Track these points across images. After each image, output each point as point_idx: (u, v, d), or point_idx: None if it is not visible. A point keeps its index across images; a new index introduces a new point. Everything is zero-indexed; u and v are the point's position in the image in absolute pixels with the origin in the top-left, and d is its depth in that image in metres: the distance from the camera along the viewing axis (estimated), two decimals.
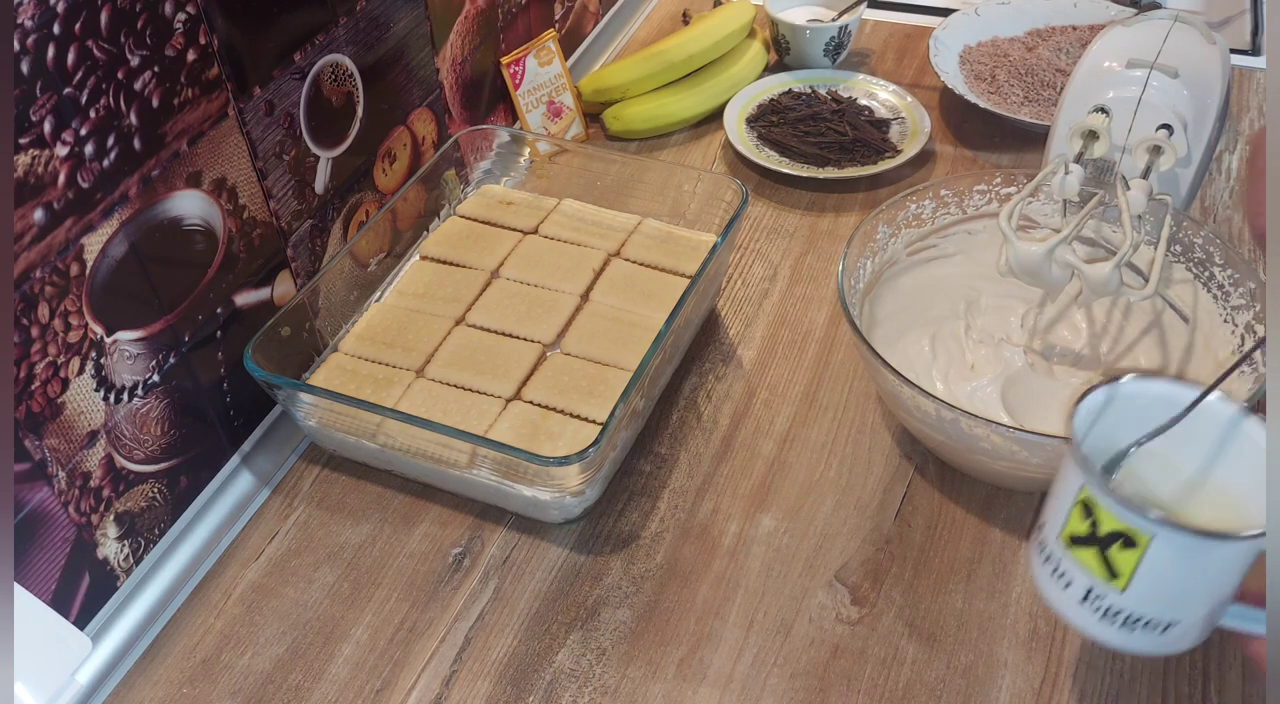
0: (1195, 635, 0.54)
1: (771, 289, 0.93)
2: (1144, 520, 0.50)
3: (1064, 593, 0.55)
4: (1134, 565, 0.51)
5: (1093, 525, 0.52)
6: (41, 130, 0.57)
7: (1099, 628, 0.54)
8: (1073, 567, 0.54)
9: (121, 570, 0.70)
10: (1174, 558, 0.51)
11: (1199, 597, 0.53)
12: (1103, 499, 0.51)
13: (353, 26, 0.81)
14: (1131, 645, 0.54)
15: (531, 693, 0.66)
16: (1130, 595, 0.52)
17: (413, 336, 0.81)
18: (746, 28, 1.13)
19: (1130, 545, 0.51)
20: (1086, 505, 0.52)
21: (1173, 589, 0.52)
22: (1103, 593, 0.53)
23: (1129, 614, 0.53)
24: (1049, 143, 0.84)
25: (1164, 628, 0.53)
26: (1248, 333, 0.74)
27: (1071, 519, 0.53)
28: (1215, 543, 0.50)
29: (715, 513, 0.75)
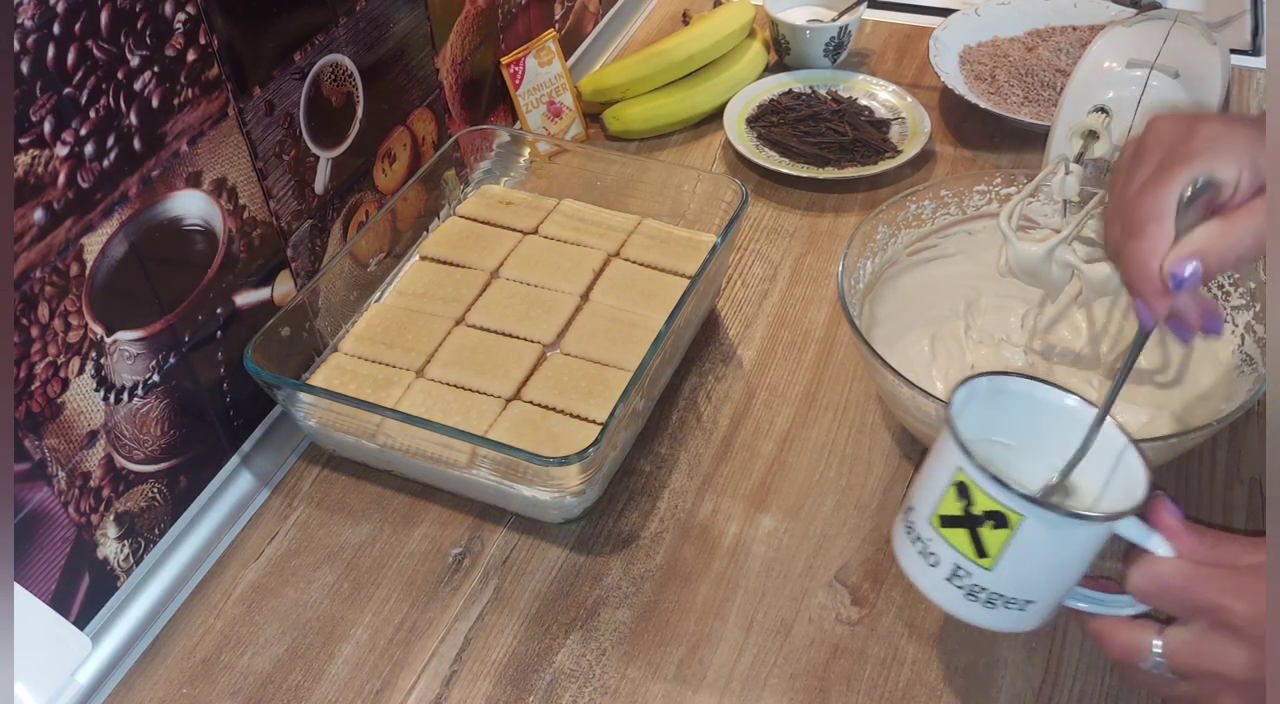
0: (1046, 614, 0.56)
1: (771, 289, 0.93)
2: (1020, 501, 0.52)
3: (931, 571, 0.56)
4: (1003, 545, 0.53)
5: (967, 506, 0.54)
6: (41, 130, 0.57)
7: (962, 606, 0.56)
8: (942, 547, 0.56)
9: (121, 570, 0.70)
10: (1041, 538, 0.53)
11: (1058, 577, 0.55)
12: (981, 481, 0.53)
13: (353, 26, 0.81)
14: (990, 622, 0.56)
15: (531, 693, 0.66)
16: (996, 574, 0.54)
17: (413, 337, 0.81)
18: (746, 28, 1.13)
19: (1002, 525, 0.53)
20: (962, 487, 0.54)
21: (1036, 569, 0.54)
22: (970, 571, 0.55)
23: (992, 592, 0.55)
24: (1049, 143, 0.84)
25: (1022, 605, 0.55)
26: (1248, 333, 0.74)
27: (945, 501, 0.55)
28: (1083, 524, 0.53)
29: (715, 513, 0.75)
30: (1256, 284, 0.74)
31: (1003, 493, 0.53)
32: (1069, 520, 0.52)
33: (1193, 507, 0.74)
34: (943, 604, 0.57)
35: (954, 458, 0.54)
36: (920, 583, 0.57)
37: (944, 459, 0.55)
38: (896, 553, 0.59)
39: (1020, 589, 0.55)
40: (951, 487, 0.55)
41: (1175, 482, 0.75)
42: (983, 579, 0.55)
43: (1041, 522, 0.52)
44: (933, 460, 0.57)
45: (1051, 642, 0.67)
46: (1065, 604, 0.57)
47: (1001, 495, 0.53)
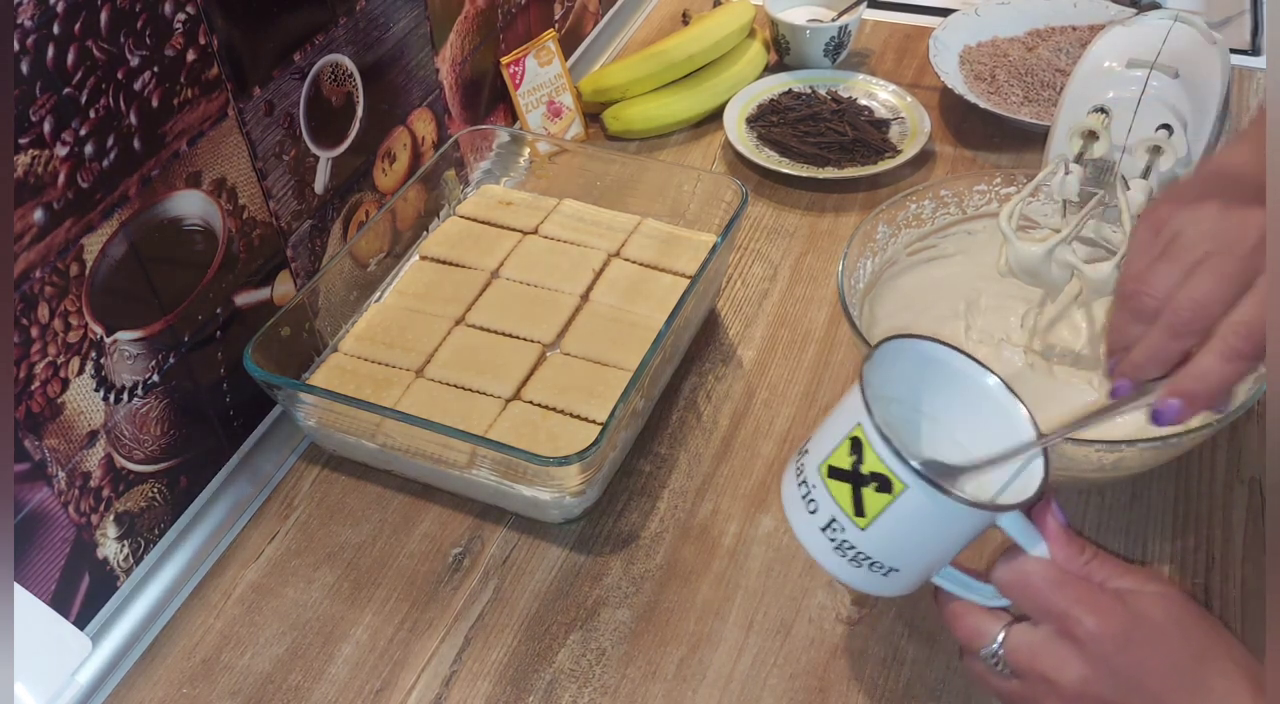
0: (909, 584, 0.57)
1: (771, 289, 0.93)
2: (907, 471, 0.52)
3: (808, 518, 0.56)
4: (881, 509, 0.53)
5: (856, 463, 0.54)
6: (41, 130, 0.57)
7: (830, 557, 0.56)
8: (824, 496, 0.55)
9: (121, 570, 0.70)
10: (920, 512, 0.53)
11: (929, 552, 0.55)
12: (875, 441, 0.53)
13: (352, 26, 0.81)
14: (852, 580, 0.56)
15: (531, 693, 0.66)
16: (869, 535, 0.54)
17: (412, 336, 0.81)
18: (746, 28, 1.13)
19: (885, 490, 0.53)
20: (856, 442, 0.54)
21: (908, 540, 0.54)
22: (844, 527, 0.55)
23: (861, 552, 0.55)
24: (1049, 143, 0.84)
25: (887, 571, 0.55)
26: None
27: (837, 452, 0.55)
28: (963, 509, 0.52)
29: (715, 513, 0.75)
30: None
31: (892, 459, 0.52)
32: (949, 502, 0.52)
33: (1193, 507, 0.74)
34: (812, 551, 0.57)
35: (856, 412, 0.54)
36: (796, 526, 0.57)
37: (847, 411, 0.55)
38: (782, 489, 0.59)
39: (889, 556, 0.55)
40: (847, 440, 0.54)
41: (1175, 482, 0.75)
42: (854, 537, 0.55)
43: (923, 496, 0.52)
44: (838, 410, 0.57)
45: None
46: (933, 580, 0.57)
47: (890, 461, 0.52)
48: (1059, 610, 0.52)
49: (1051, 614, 0.52)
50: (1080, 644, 0.51)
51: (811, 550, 0.57)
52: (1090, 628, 0.51)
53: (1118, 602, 0.52)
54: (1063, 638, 0.52)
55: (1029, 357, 0.80)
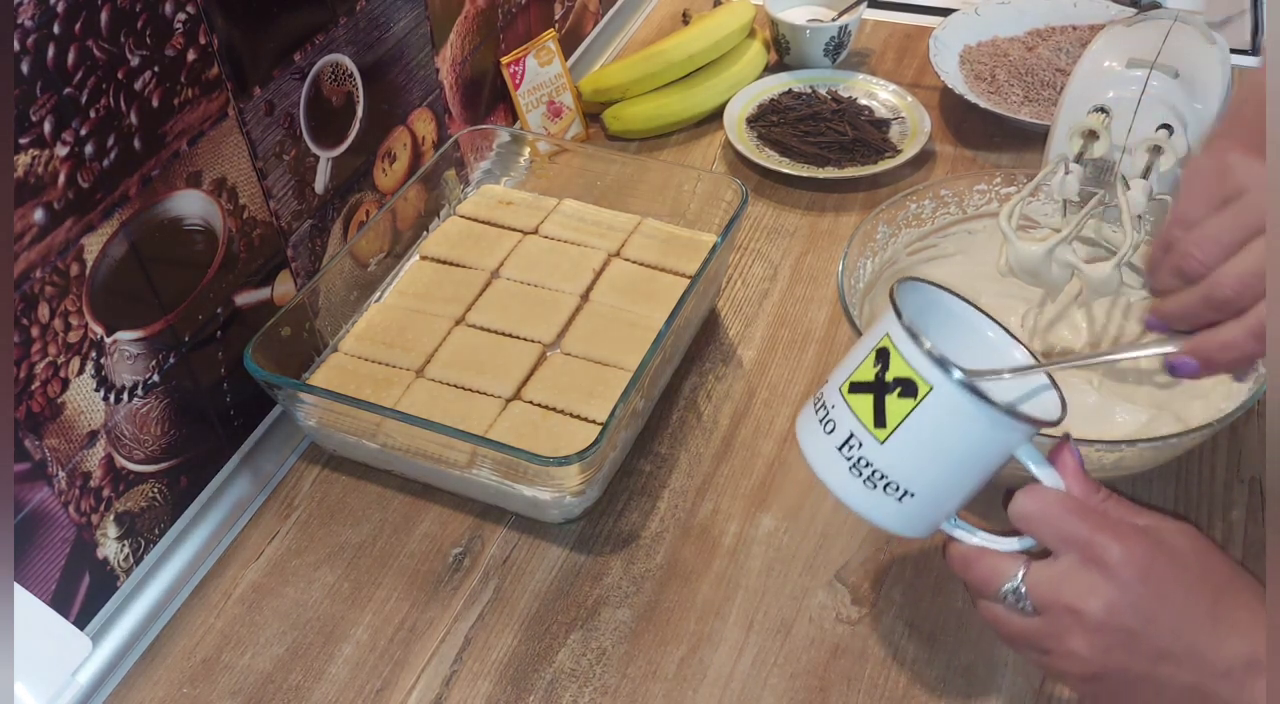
0: (922, 517, 0.55)
1: (771, 289, 0.93)
2: (935, 368, 0.51)
3: (824, 439, 0.56)
4: (904, 416, 0.53)
5: (881, 371, 0.54)
6: (41, 130, 0.57)
7: (844, 479, 0.55)
8: (843, 413, 0.55)
9: (121, 570, 0.70)
10: (943, 417, 0.52)
11: (945, 472, 0.54)
12: (904, 344, 0.53)
13: (353, 26, 0.81)
14: (864, 505, 0.55)
15: (532, 693, 0.66)
16: (887, 448, 0.54)
17: (413, 337, 0.81)
18: (746, 28, 1.13)
19: (909, 394, 0.52)
20: (883, 352, 0.54)
21: (927, 453, 0.54)
22: (862, 440, 0.54)
23: (877, 469, 0.54)
24: (1049, 143, 0.84)
25: (901, 494, 0.54)
26: None
27: (861, 367, 0.55)
28: (986, 417, 0.52)
29: (715, 513, 0.75)
30: None
31: (920, 356, 0.52)
32: (975, 402, 0.51)
33: (1193, 507, 0.74)
34: (826, 476, 0.56)
35: (883, 326, 0.54)
36: (810, 451, 0.57)
37: (873, 332, 0.55)
38: (798, 425, 0.58)
39: (904, 473, 0.54)
40: (872, 352, 0.54)
41: (1175, 482, 0.75)
42: (871, 452, 0.54)
43: (947, 397, 0.52)
44: (860, 341, 0.57)
45: None
46: (943, 528, 0.56)
47: (918, 359, 0.52)
48: (1083, 538, 0.51)
49: (1075, 543, 0.51)
50: (1106, 571, 0.50)
51: (825, 475, 0.56)
52: (1116, 555, 0.50)
53: (1141, 531, 0.51)
54: (1087, 567, 0.51)
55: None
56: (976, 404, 0.52)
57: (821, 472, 0.56)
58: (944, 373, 0.51)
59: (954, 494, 0.55)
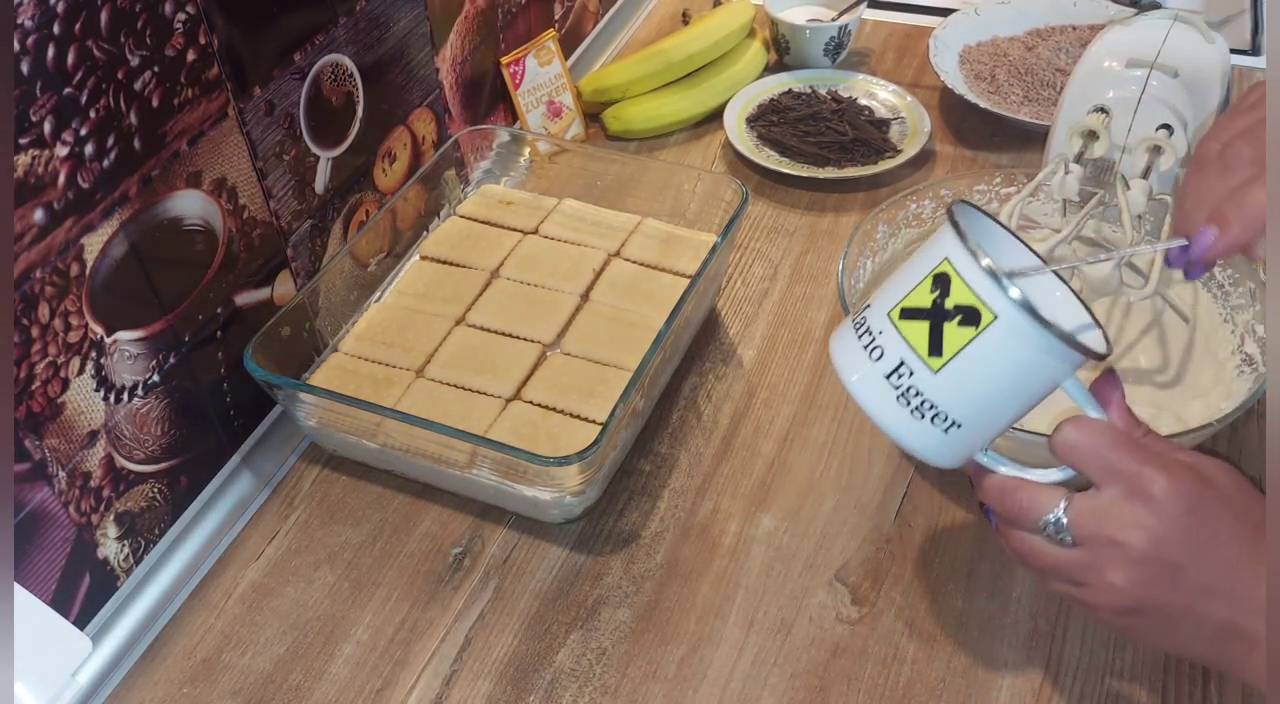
0: (963, 450, 0.54)
1: (771, 289, 0.93)
2: (1003, 298, 0.50)
3: (870, 366, 0.53)
4: (963, 345, 0.51)
5: (939, 298, 0.51)
6: (41, 130, 0.57)
7: (889, 408, 0.53)
8: (893, 340, 0.53)
9: (121, 570, 0.70)
10: (1004, 347, 0.51)
11: (996, 405, 0.53)
12: (968, 270, 0.51)
13: (353, 26, 0.81)
14: (907, 435, 0.54)
15: (532, 693, 0.66)
16: (941, 377, 0.52)
17: (413, 337, 0.81)
18: (746, 28, 1.13)
19: (971, 323, 0.51)
20: (942, 278, 0.51)
21: (981, 384, 0.52)
22: (914, 369, 0.52)
23: (927, 399, 0.52)
24: (1049, 143, 0.84)
25: (949, 425, 0.53)
26: (1248, 332, 0.74)
27: (915, 292, 0.52)
28: (1049, 340, 0.50)
29: (715, 513, 0.75)
30: (1256, 284, 0.74)
31: (990, 284, 0.50)
32: (1041, 332, 0.50)
33: None
34: (868, 403, 0.54)
35: (944, 247, 0.52)
36: (851, 377, 0.54)
37: (929, 252, 0.53)
38: (834, 347, 0.56)
39: (955, 404, 0.52)
40: (929, 277, 0.52)
41: None
42: (923, 381, 0.52)
43: (1013, 326, 0.50)
44: (912, 261, 0.54)
45: (1051, 642, 0.67)
46: (976, 459, 0.55)
47: (986, 286, 0.50)
48: (1129, 470, 0.50)
49: (1121, 474, 0.51)
50: (1152, 504, 0.49)
51: (868, 402, 0.54)
52: (1162, 488, 0.49)
53: (1185, 466, 0.51)
54: (1132, 499, 0.50)
55: None
56: (1042, 334, 0.50)
57: (866, 400, 0.54)
58: (1012, 302, 0.49)
59: (996, 425, 0.54)
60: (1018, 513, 0.53)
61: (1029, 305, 0.49)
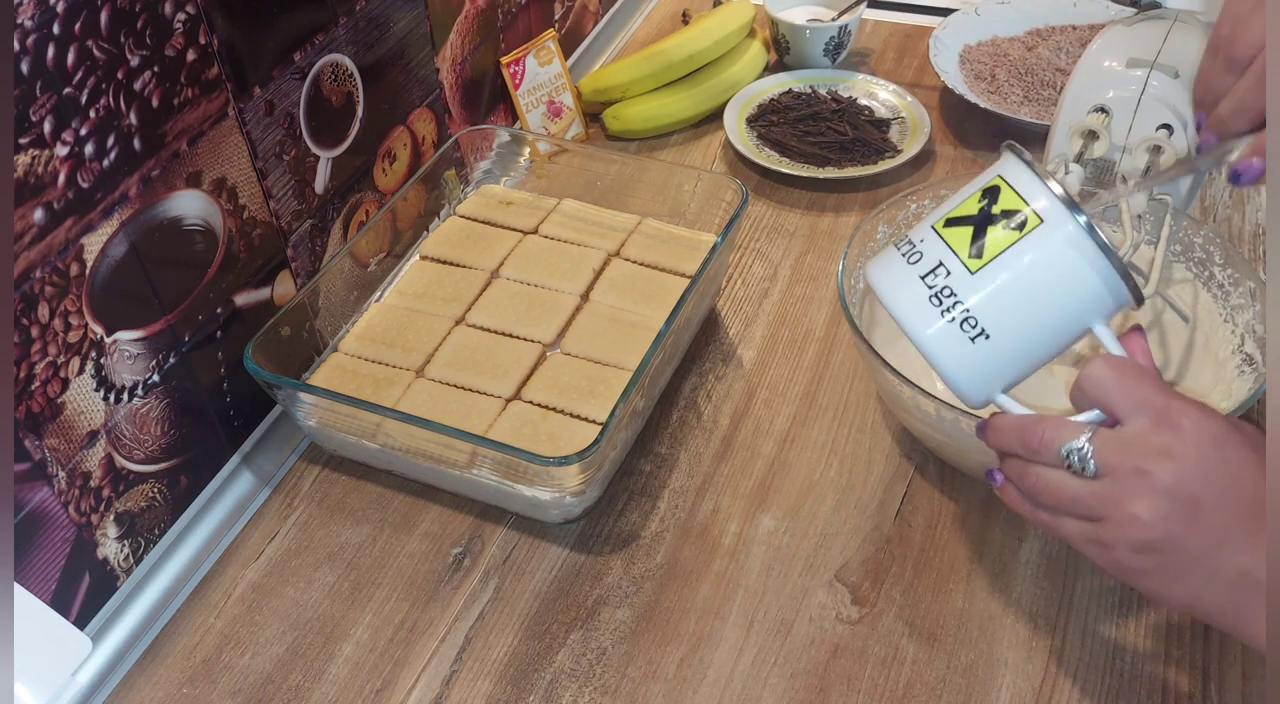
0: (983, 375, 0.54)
1: (771, 289, 0.93)
2: (1053, 201, 0.50)
3: (906, 269, 0.54)
4: (1005, 247, 0.51)
5: (987, 206, 0.52)
6: (41, 130, 0.57)
7: (920, 309, 0.53)
8: (934, 245, 0.53)
9: (121, 570, 0.70)
10: (1046, 254, 0.51)
11: (1026, 319, 0.53)
12: (1020, 177, 0.51)
13: (353, 26, 0.81)
14: (934, 342, 0.53)
15: (532, 693, 0.66)
16: (978, 279, 0.52)
17: (413, 337, 0.81)
18: (746, 28, 1.13)
19: (1015, 227, 0.51)
20: (991, 190, 0.52)
21: (1017, 292, 0.52)
22: (951, 269, 0.52)
23: (960, 301, 0.52)
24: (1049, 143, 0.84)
25: (977, 334, 0.52)
26: (1248, 332, 0.74)
27: (964, 204, 0.53)
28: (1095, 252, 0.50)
29: (715, 513, 0.75)
30: (1256, 284, 0.74)
31: (1037, 188, 0.50)
32: (1085, 239, 0.50)
33: None
34: (899, 305, 0.54)
35: (997, 169, 0.52)
36: (885, 283, 0.54)
37: (978, 179, 0.54)
38: (871, 265, 0.57)
39: (987, 308, 0.52)
40: (978, 191, 0.52)
41: None
42: (959, 282, 0.52)
43: (1057, 231, 0.50)
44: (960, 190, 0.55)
45: (1051, 641, 0.67)
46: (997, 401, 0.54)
47: (1034, 191, 0.50)
48: (1159, 403, 0.50)
49: (1150, 405, 0.50)
50: (1180, 436, 0.49)
51: (899, 304, 0.54)
52: (1193, 419, 0.49)
53: (1213, 409, 0.50)
54: (1161, 428, 0.49)
55: None
56: (1087, 241, 0.50)
57: (897, 302, 0.54)
58: (1060, 204, 0.50)
59: (1023, 355, 0.54)
60: (1038, 445, 0.52)
61: (1073, 203, 0.49)
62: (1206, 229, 0.76)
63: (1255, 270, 0.74)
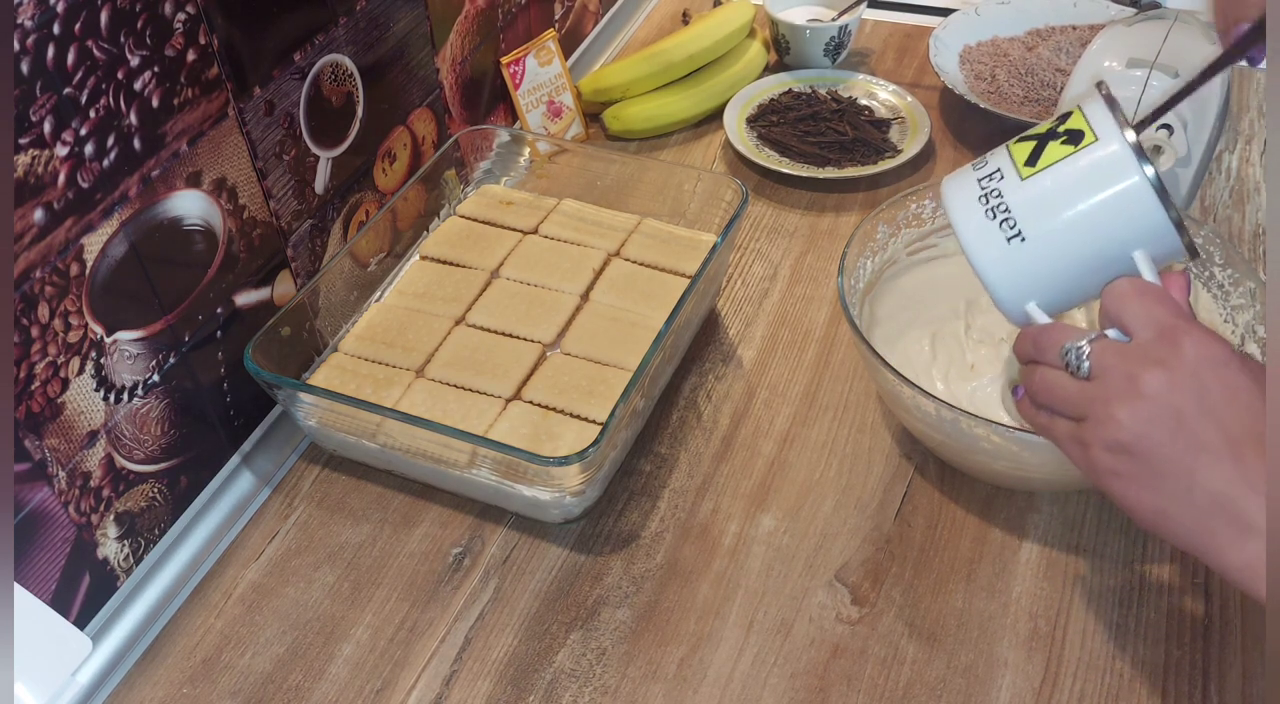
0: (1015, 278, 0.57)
1: (771, 289, 0.93)
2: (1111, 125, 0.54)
3: (969, 172, 0.59)
4: (1057, 159, 0.55)
5: (1056, 125, 0.56)
6: (41, 130, 0.57)
7: (968, 208, 0.58)
8: (999, 156, 0.58)
9: (121, 570, 0.70)
10: (1095, 170, 0.54)
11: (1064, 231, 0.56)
12: (1092, 106, 0.55)
13: (353, 26, 0.81)
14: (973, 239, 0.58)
15: (532, 693, 0.66)
16: (1027, 184, 0.56)
17: (413, 337, 0.81)
18: (746, 28, 1.13)
19: (1072, 142, 0.55)
20: (1065, 115, 0.56)
21: (1058, 200, 0.55)
22: (1005, 174, 0.57)
23: (1004, 201, 0.56)
24: None
25: (1013, 234, 0.56)
26: (1248, 333, 0.74)
27: (1041, 125, 0.58)
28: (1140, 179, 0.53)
29: (715, 513, 0.75)
30: (1256, 284, 0.74)
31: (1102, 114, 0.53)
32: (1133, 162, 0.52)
33: None
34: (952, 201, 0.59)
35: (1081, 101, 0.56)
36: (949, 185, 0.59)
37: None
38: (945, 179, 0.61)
39: (1027, 212, 0.56)
40: (1056, 117, 0.57)
41: None
42: (1008, 185, 0.56)
43: (1108, 150, 0.53)
44: None
45: (1051, 641, 0.67)
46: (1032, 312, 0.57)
47: (1098, 115, 0.54)
48: (1168, 321, 0.50)
49: (1158, 322, 0.51)
50: (1178, 352, 0.49)
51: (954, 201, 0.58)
52: (1196, 339, 0.49)
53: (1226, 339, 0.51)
54: (1161, 341, 0.50)
55: None
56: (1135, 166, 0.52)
57: (950, 199, 0.58)
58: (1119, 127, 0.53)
59: (1058, 268, 0.56)
60: (1044, 344, 0.54)
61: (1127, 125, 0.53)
62: (1206, 229, 0.76)
63: (1255, 270, 0.74)
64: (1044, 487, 0.74)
